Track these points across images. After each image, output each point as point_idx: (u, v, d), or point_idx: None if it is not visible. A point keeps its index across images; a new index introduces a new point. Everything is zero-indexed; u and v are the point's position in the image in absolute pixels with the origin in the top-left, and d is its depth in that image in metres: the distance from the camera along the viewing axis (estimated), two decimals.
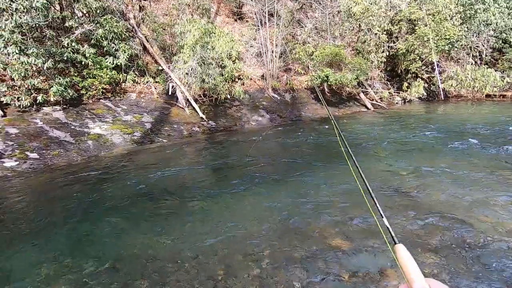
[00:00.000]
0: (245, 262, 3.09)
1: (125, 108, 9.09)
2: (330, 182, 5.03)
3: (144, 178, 5.46)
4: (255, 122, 10.61)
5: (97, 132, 7.64)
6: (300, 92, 13.21)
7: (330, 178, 5.19)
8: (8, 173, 5.65)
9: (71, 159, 6.49)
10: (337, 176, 5.24)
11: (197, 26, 9.34)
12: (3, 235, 3.76)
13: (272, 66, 12.63)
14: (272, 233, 3.63)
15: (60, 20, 8.81)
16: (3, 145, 6.22)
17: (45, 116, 7.54)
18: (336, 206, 4.20)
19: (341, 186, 4.81)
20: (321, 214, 4.00)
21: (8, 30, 6.85)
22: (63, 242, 3.61)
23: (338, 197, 4.46)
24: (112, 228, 3.89)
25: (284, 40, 13.23)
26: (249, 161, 6.48)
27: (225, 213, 4.17)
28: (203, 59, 9.64)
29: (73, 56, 8.40)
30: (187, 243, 3.49)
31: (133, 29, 10.43)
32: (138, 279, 2.92)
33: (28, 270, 3.10)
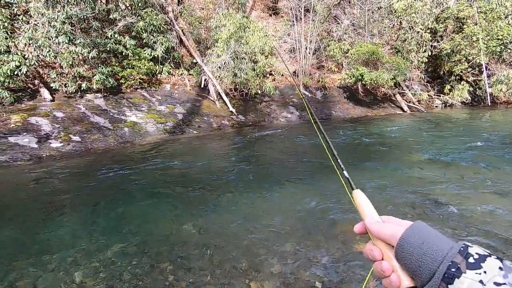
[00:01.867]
0: (268, 256, 3.10)
1: (159, 98, 9.46)
2: (358, 183, 4.87)
3: (174, 167, 5.67)
4: (284, 119, 10.54)
5: (133, 120, 8.04)
6: (332, 90, 12.88)
7: (360, 180, 5.03)
8: (54, 153, 6.15)
9: (108, 144, 6.90)
10: (366, 178, 5.07)
11: (232, 21, 9.42)
12: (48, 209, 4.11)
13: (304, 63, 12.43)
14: (297, 230, 3.60)
15: (105, 13, 9.33)
16: (51, 127, 6.76)
17: (87, 103, 8.07)
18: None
19: (370, 189, 4.65)
20: (347, 215, 3.90)
21: (59, 21, 7.38)
22: (97, 220, 3.86)
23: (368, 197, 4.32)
24: (141, 211, 4.09)
25: (319, 36, 12.94)
26: (277, 158, 6.47)
27: (250, 206, 4.21)
28: (236, 54, 9.72)
29: (115, 47, 8.87)
30: (212, 232, 3.58)
31: (171, 22, 10.76)
32: (164, 262, 3.05)
33: (66, 243, 3.37)
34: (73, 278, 2.82)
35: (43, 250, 3.24)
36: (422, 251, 0.47)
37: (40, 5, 7.34)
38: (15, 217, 3.91)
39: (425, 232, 0.50)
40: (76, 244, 3.36)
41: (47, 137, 6.47)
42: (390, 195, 4.48)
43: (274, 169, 5.78)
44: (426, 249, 0.47)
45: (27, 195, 4.48)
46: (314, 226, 3.71)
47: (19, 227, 3.67)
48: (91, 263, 3.04)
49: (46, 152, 6.10)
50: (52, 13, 7.28)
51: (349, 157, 6.62)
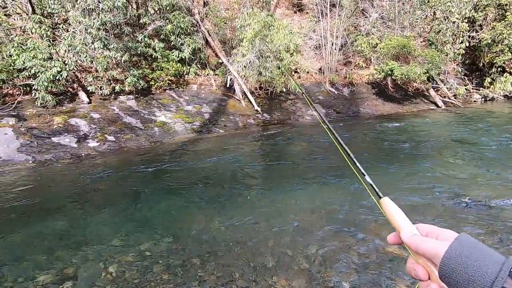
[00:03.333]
0: (295, 255, 3.09)
1: (187, 98, 9.73)
2: (391, 184, 4.70)
3: (202, 165, 5.81)
4: (310, 117, 10.39)
5: (162, 120, 8.35)
6: (360, 86, 12.48)
7: (392, 180, 4.85)
8: (92, 152, 6.56)
9: (140, 143, 7.22)
10: (398, 178, 4.87)
11: (257, 19, 9.44)
12: (87, 204, 4.39)
13: (331, 59, 12.15)
14: (323, 229, 3.55)
15: (136, 18, 9.76)
16: (89, 128, 7.22)
17: (120, 104, 8.51)
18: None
19: (402, 191, 4.46)
20: (375, 215, 3.77)
21: (95, 27, 7.84)
22: (130, 215, 4.07)
23: (402, 201, 4.15)
24: (171, 208, 4.25)
25: (346, 31, 12.59)
26: (302, 157, 6.41)
27: (276, 205, 4.21)
28: (261, 52, 9.74)
29: (145, 50, 9.26)
30: (239, 229, 3.63)
31: (197, 24, 11.01)
32: (193, 257, 3.14)
33: (103, 236, 3.58)
34: (110, 270, 3.00)
35: (83, 242, 3.47)
36: (467, 276, 0.43)
37: (78, 14, 7.85)
38: (59, 212, 4.22)
39: (469, 249, 0.45)
40: (112, 238, 3.57)
41: (85, 137, 6.92)
42: (425, 197, 4.26)
43: (300, 168, 5.73)
44: (472, 274, 0.42)
45: (68, 191, 4.83)
46: (341, 225, 3.63)
47: (62, 220, 3.96)
48: (126, 256, 3.21)
49: (85, 151, 6.52)
50: (88, 21, 7.75)
51: (378, 156, 6.40)
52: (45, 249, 3.35)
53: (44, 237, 3.59)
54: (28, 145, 6.25)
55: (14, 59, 7.26)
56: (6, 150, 6.00)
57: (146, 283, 2.81)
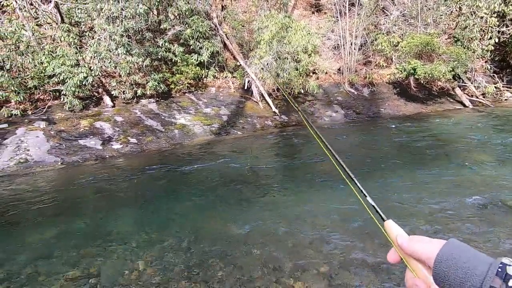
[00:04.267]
0: (314, 257, 3.06)
1: (205, 101, 9.89)
2: (416, 188, 4.54)
3: (220, 167, 5.88)
4: (328, 118, 10.25)
5: (182, 122, 8.53)
6: (381, 86, 12.16)
7: (416, 184, 4.68)
8: (115, 153, 6.81)
9: (161, 145, 7.42)
10: (422, 181, 4.69)
11: (274, 21, 9.45)
12: (112, 203, 4.57)
13: (350, 59, 11.93)
14: (343, 232, 3.49)
15: (157, 23, 10.06)
16: (112, 130, 7.51)
17: (142, 107, 8.79)
18: (419, 214, 3.78)
19: (425, 195, 4.29)
20: (400, 220, 3.65)
21: (118, 34, 8.16)
22: (152, 215, 4.18)
23: (422, 204, 4.00)
24: (192, 208, 4.33)
25: (365, 30, 12.32)
26: (320, 159, 6.33)
27: (295, 207, 4.18)
28: (278, 54, 9.74)
29: (165, 54, 9.52)
30: (257, 231, 3.64)
31: (215, 27, 11.18)
32: (213, 257, 3.19)
33: (126, 235, 3.71)
34: (134, 267, 3.10)
35: (107, 241, 3.62)
36: (459, 278, 0.45)
37: (102, 21, 8.20)
38: (85, 210, 4.42)
39: (459, 252, 0.47)
40: (135, 236, 3.69)
41: (109, 139, 7.20)
42: (449, 202, 4.08)
43: (318, 170, 5.66)
44: (463, 275, 0.45)
45: (94, 191, 5.04)
46: (361, 228, 3.55)
47: (88, 219, 4.14)
48: (148, 254, 3.31)
49: (109, 153, 6.79)
50: (112, 28, 8.08)
51: (401, 158, 6.20)
52: (73, 246, 3.51)
53: (72, 234, 3.77)
54: (57, 147, 6.59)
55: (45, 66, 7.69)
56: (38, 152, 6.36)
57: (168, 281, 2.88)
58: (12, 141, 6.48)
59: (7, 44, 7.59)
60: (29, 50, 7.81)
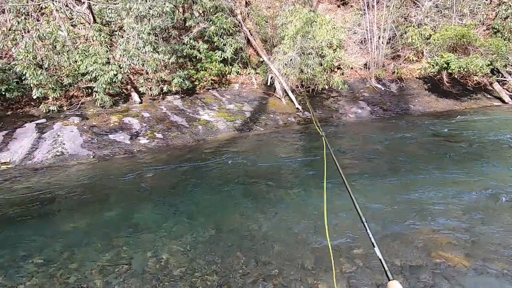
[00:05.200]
0: (337, 257, 3.00)
1: (228, 97, 9.98)
2: (442, 188, 4.31)
3: (243, 163, 5.93)
4: (354, 115, 9.96)
5: (206, 118, 8.67)
6: (410, 82, 11.62)
7: (441, 184, 4.45)
8: (142, 148, 7.08)
9: (185, 141, 7.60)
10: (456, 186, 4.45)
11: (298, 16, 9.30)
12: (139, 196, 4.75)
13: (377, 54, 11.50)
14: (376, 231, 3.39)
15: (182, 21, 10.26)
16: (140, 126, 7.80)
17: (168, 104, 9.03)
18: (449, 215, 3.58)
19: (451, 193, 4.06)
20: (429, 221, 3.49)
21: (146, 33, 8.41)
22: (177, 208, 4.30)
23: (451, 205, 3.79)
24: (215, 202, 4.40)
25: (395, 23, 11.78)
26: (345, 156, 6.18)
27: (317, 205, 4.12)
28: (303, 49, 9.58)
29: (190, 51, 9.70)
30: (279, 227, 3.63)
31: (239, 24, 11.20)
32: (235, 252, 3.22)
33: (152, 227, 3.85)
34: (159, 257, 3.21)
35: (135, 231, 3.77)
36: None
37: (131, 21, 8.49)
38: (114, 202, 4.64)
39: None
40: (160, 228, 3.81)
41: (137, 134, 7.49)
42: (490, 203, 3.84)
43: (344, 167, 5.53)
44: None
45: (123, 184, 5.27)
46: (387, 229, 3.43)
47: (117, 210, 4.34)
48: (172, 246, 3.42)
49: (137, 148, 7.06)
50: (140, 27, 8.35)
51: (433, 159, 5.90)
52: (103, 235, 3.70)
53: (103, 224, 3.98)
54: (89, 141, 6.96)
55: (79, 64, 8.11)
56: (72, 146, 6.75)
57: (192, 272, 2.95)
58: (50, 135, 6.93)
59: (45, 44, 8.08)
60: (65, 50, 8.27)
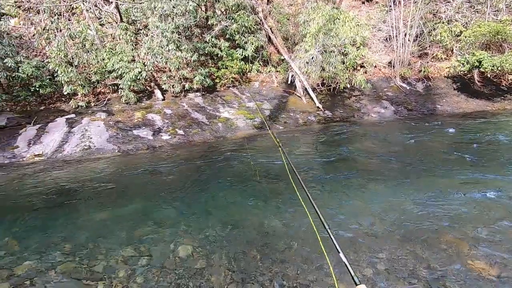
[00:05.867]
0: (358, 259, 2.94)
1: (248, 95, 10.00)
2: (467, 191, 4.10)
3: (261, 160, 5.93)
4: (376, 114, 9.68)
5: (226, 116, 8.75)
6: (438, 81, 11.12)
7: (468, 188, 4.23)
8: (164, 144, 7.26)
9: (206, 138, 7.71)
10: (475, 186, 4.22)
11: (321, 13, 9.14)
12: (160, 190, 4.88)
13: (403, 51, 11.09)
14: (392, 235, 3.29)
15: (204, 19, 10.38)
16: (162, 122, 8.00)
17: (189, 101, 9.20)
18: (479, 220, 3.40)
19: (478, 198, 3.85)
20: (457, 224, 3.34)
21: (170, 31, 8.60)
22: (196, 204, 4.38)
23: (479, 210, 3.60)
24: (233, 199, 4.43)
25: (422, 19, 11.30)
26: (365, 156, 6.03)
27: (338, 205, 4.05)
28: (325, 47, 9.42)
29: (211, 49, 9.81)
30: (297, 226, 3.61)
31: (260, 21, 11.18)
32: (253, 250, 3.24)
33: (171, 221, 3.94)
34: (178, 251, 3.29)
35: (155, 224, 3.88)
36: None
37: (156, 19, 8.71)
38: (137, 195, 4.79)
39: None
40: (180, 223, 3.90)
41: (159, 130, 7.69)
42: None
43: (363, 168, 5.40)
44: None
45: (145, 178, 5.44)
46: (413, 232, 3.31)
47: (140, 203, 4.48)
48: (191, 241, 3.48)
49: (159, 143, 7.26)
50: (164, 25, 8.54)
51: (462, 164, 5.62)
52: (126, 227, 3.84)
53: (125, 217, 4.12)
54: (115, 136, 7.23)
55: (106, 62, 8.44)
56: (99, 140, 7.04)
57: (211, 268, 3.00)
58: (79, 130, 7.27)
59: (75, 42, 8.47)
60: (93, 48, 8.63)
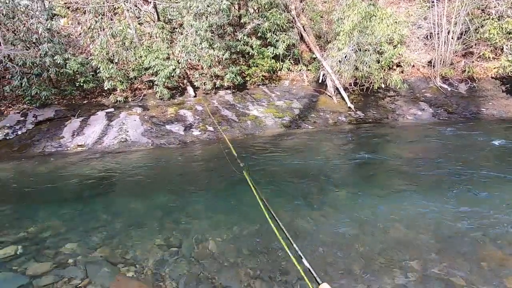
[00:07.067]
0: (389, 266, 2.82)
1: (278, 94, 9.97)
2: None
3: (290, 159, 5.89)
4: (412, 117, 9.19)
5: (255, 114, 8.80)
6: (484, 82, 10.30)
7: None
8: (194, 139, 7.48)
9: (234, 135, 7.81)
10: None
11: (357, 10, 8.83)
12: (189, 184, 5.03)
13: (445, 50, 10.40)
14: (425, 244, 3.12)
15: (237, 18, 10.47)
16: (193, 118, 8.24)
17: (219, 98, 9.37)
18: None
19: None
20: (498, 236, 3.08)
21: (203, 29, 8.79)
22: (223, 199, 4.45)
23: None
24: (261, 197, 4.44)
25: (469, 16, 10.50)
26: (398, 160, 5.75)
27: (368, 210, 3.91)
28: (359, 45, 9.10)
29: (243, 48, 9.88)
30: (325, 229, 3.54)
31: (293, 19, 11.06)
32: (277, 249, 3.22)
33: (200, 215, 4.05)
34: (206, 244, 3.37)
35: (185, 217, 4.01)
36: None
37: (190, 18, 8.95)
38: (168, 188, 4.98)
39: None
40: (207, 217, 4.00)
41: (190, 126, 7.93)
42: None
43: (396, 173, 5.15)
44: None
45: (177, 172, 5.64)
46: (448, 243, 3.11)
47: (169, 196, 4.65)
48: (219, 235, 3.55)
49: (189, 138, 7.48)
50: (198, 24, 8.75)
51: (506, 181, 5.17)
52: (157, 217, 4.01)
53: (157, 207, 4.30)
54: (149, 130, 7.57)
55: (143, 59, 8.84)
56: (134, 133, 7.41)
57: (238, 262, 3.04)
58: (117, 123, 7.70)
59: (116, 41, 8.96)
60: (132, 46, 9.07)
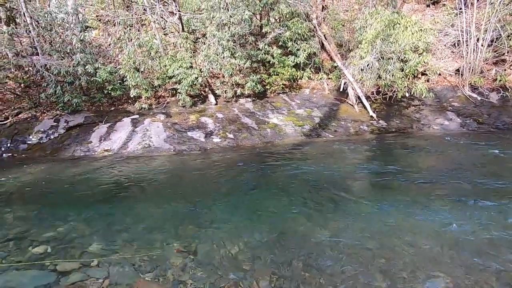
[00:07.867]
0: (411, 281, 2.71)
1: (298, 102, 9.96)
2: None
3: (309, 168, 5.84)
4: (439, 126, 8.84)
5: (274, 122, 8.83)
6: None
7: None
8: (215, 146, 7.61)
9: (254, 142, 7.87)
10: None
11: (380, 19, 8.72)
12: (208, 190, 5.11)
13: (473, 58, 9.98)
14: (451, 259, 2.97)
15: (259, 27, 10.65)
16: (214, 125, 8.40)
17: (240, 106, 9.50)
18: None
19: None
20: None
21: (226, 39, 9.02)
22: (241, 207, 4.47)
23: None
24: (278, 206, 4.43)
25: (500, 22, 10.05)
26: (424, 173, 5.54)
27: (389, 221, 3.79)
28: (382, 54, 8.95)
29: (264, 57, 10.01)
30: (344, 240, 3.46)
31: (314, 28, 11.08)
32: (297, 259, 3.19)
33: (217, 222, 4.08)
34: (224, 252, 3.39)
35: (202, 223, 4.05)
36: None
37: (213, 28, 9.22)
38: (188, 194, 5.08)
39: None
40: (226, 224, 4.02)
41: (211, 133, 8.08)
42: None
43: (420, 185, 4.95)
44: None
45: (196, 178, 5.75)
46: (476, 259, 2.94)
47: (189, 202, 4.73)
48: (236, 243, 3.56)
49: (210, 145, 7.62)
50: (221, 34, 8.99)
51: None
52: (177, 223, 4.09)
53: (176, 213, 4.39)
54: (171, 137, 7.80)
55: (167, 68, 9.18)
56: (157, 139, 7.66)
57: (254, 271, 3.04)
58: (141, 129, 8.00)
59: (142, 51, 9.38)
60: (157, 55, 9.45)
